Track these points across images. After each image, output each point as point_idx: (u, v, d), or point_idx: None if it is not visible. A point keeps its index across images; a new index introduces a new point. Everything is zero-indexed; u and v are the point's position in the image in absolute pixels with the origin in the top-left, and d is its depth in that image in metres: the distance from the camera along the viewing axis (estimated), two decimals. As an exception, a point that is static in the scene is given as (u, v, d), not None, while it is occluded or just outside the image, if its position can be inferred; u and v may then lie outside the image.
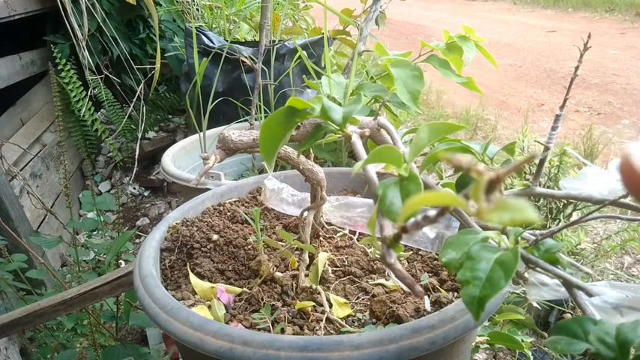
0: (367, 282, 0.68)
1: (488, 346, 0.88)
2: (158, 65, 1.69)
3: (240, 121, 1.53)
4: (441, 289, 0.65)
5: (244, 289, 0.67)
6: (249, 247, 0.75)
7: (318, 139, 0.52)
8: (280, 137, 0.47)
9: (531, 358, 0.96)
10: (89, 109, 2.18)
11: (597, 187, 0.43)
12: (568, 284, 0.38)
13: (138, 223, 2.19)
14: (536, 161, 0.49)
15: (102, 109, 2.40)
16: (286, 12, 2.00)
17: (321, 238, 0.78)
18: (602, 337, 0.32)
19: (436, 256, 0.73)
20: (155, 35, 2.09)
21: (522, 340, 0.87)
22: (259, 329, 0.59)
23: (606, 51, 4.60)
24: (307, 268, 0.70)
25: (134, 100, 2.12)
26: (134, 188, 2.42)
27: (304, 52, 1.29)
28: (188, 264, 0.70)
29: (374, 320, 0.61)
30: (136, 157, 2.08)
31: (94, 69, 2.08)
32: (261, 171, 1.49)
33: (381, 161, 0.39)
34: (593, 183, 0.44)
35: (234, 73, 1.70)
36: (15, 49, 1.88)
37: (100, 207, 1.24)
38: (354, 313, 0.63)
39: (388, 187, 0.38)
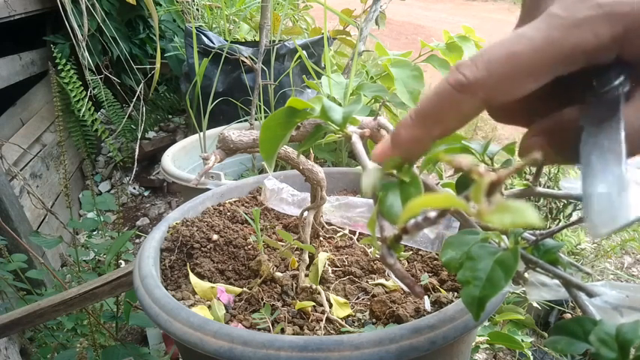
0: (367, 282, 0.68)
1: (488, 346, 0.88)
2: (158, 65, 1.69)
3: (240, 121, 1.53)
4: (441, 289, 0.65)
5: (244, 289, 0.67)
6: (249, 247, 0.75)
7: (318, 139, 0.52)
8: (280, 138, 0.47)
9: (531, 358, 0.97)
10: (89, 109, 2.18)
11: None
12: (568, 284, 0.38)
13: (138, 223, 2.20)
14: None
15: (102, 109, 2.40)
16: (286, 12, 2.00)
17: (321, 238, 0.78)
18: (602, 337, 0.32)
19: (436, 256, 0.73)
20: (155, 35, 2.09)
21: (522, 340, 0.87)
22: (259, 329, 0.59)
23: (606, 51, 4.59)
24: (307, 268, 0.70)
25: (134, 100, 2.12)
26: (134, 188, 2.42)
27: (304, 52, 1.29)
28: (188, 264, 0.70)
29: (374, 320, 0.61)
30: (136, 157, 2.09)
31: (94, 69, 2.08)
32: (261, 171, 1.49)
33: (381, 161, 0.39)
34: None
35: (234, 73, 1.70)
36: (15, 49, 1.88)
37: (100, 207, 1.24)
38: (354, 313, 0.63)
39: (388, 188, 0.38)
